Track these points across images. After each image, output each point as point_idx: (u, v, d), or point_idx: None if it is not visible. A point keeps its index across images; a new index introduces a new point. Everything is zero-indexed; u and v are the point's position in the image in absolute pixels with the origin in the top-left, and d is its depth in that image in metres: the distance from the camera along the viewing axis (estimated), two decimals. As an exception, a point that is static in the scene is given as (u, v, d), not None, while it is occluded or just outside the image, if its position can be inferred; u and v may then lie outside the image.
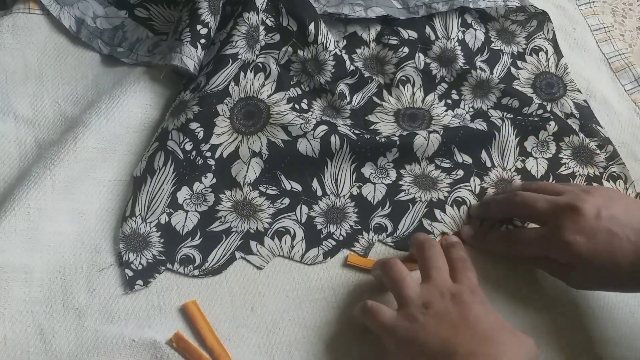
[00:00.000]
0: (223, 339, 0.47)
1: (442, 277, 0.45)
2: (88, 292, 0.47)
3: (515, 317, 0.49)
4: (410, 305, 0.43)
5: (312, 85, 0.57)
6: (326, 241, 0.51)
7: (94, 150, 0.50)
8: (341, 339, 0.48)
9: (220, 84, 0.53)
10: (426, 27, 0.60)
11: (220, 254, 0.50)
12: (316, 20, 0.56)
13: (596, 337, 0.49)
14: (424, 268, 0.46)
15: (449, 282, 0.44)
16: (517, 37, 0.64)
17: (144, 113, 0.53)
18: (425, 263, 0.46)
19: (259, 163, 0.53)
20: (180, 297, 0.48)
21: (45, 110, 0.54)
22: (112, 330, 0.46)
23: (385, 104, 0.59)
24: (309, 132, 0.53)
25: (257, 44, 0.55)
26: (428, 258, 0.46)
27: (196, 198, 0.52)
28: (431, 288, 0.44)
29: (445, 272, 0.45)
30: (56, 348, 0.45)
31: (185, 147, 0.51)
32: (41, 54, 0.56)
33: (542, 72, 0.62)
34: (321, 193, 0.53)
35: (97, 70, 0.56)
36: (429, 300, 0.43)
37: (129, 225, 0.49)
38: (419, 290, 0.44)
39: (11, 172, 0.51)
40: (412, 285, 0.44)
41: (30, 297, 0.46)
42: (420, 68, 0.60)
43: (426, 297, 0.43)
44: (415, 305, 0.43)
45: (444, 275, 0.45)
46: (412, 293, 0.44)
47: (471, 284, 0.45)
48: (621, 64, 0.64)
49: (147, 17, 0.58)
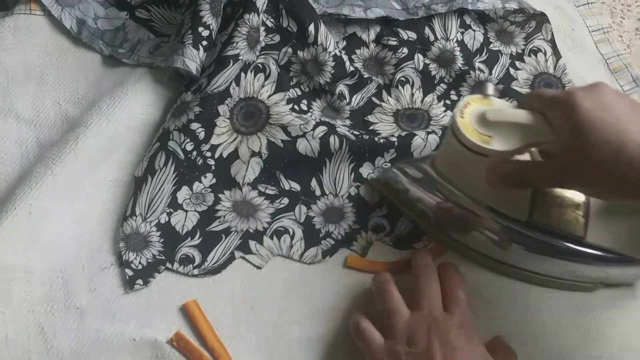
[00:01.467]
0: (223, 338, 0.47)
1: (433, 306, 0.45)
2: (89, 291, 0.47)
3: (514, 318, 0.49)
4: (395, 338, 0.43)
5: (311, 86, 0.57)
6: (325, 240, 0.52)
7: (95, 151, 0.51)
8: (341, 339, 0.48)
9: (222, 85, 0.53)
10: (425, 28, 0.61)
11: (220, 253, 0.50)
12: (316, 21, 0.56)
13: (596, 337, 0.49)
14: (417, 295, 0.46)
15: (438, 313, 0.44)
16: (516, 38, 0.64)
17: (145, 114, 0.54)
18: (419, 291, 0.46)
19: (258, 163, 0.53)
20: (181, 296, 0.48)
21: (47, 110, 0.54)
22: (113, 330, 0.46)
23: (385, 104, 0.59)
24: (309, 132, 0.53)
25: (257, 44, 0.56)
26: (422, 286, 0.46)
27: (196, 198, 0.52)
28: (420, 320, 0.44)
29: (437, 301, 0.45)
30: (57, 347, 0.45)
31: (186, 147, 0.51)
32: (42, 54, 0.56)
33: (541, 72, 0.62)
34: (320, 193, 0.53)
35: (98, 71, 0.57)
36: (414, 335, 0.43)
37: (129, 224, 0.49)
38: (407, 320, 0.44)
39: (12, 172, 0.51)
40: (402, 317, 0.44)
41: (32, 297, 0.46)
42: (420, 69, 0.60)
43: (412, 331, 0.43)
44: (400, 341, 0.43)
45: (435, 304, 0.45)
46: (400, 326, 0.44)
47: (462, 315, 0.44)
48: (619, 64, 0.64)
49: (148, 19, 0.59)
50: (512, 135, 0.41)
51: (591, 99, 0.39)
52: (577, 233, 0.46)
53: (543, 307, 0.50)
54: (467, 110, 0.43)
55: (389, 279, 0.47)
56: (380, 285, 0.47)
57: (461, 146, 0.43)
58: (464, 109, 0.43)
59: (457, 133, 0.42)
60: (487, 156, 0.42)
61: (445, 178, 0.48)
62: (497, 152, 0.41)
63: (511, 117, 0.42)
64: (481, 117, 0.42)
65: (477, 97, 0.44)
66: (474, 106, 0.43)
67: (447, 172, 0.48)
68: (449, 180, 0.48)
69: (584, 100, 0.39)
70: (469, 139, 0.42)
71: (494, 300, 0.50)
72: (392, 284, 0.47)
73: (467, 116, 0.42)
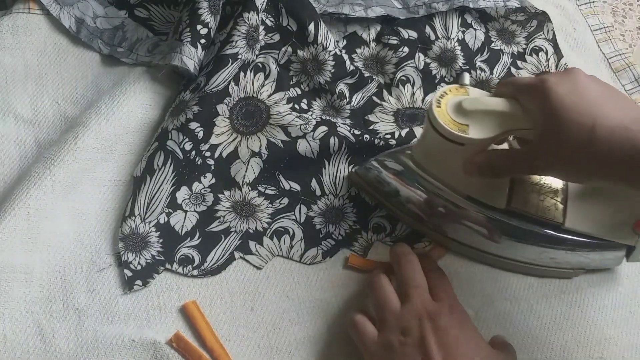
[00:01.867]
0: (223, 339, 0.47)
1: (421, 296, 0.44)
2: (88, 292, 0.47)
3: (512, 320, 0.49)
4: (388, 329, 0.43)
5: (311, 85, 0.57)
6: (325, 241, 0.52)
7: (93, 151, 0.50)
8: (341, 339, 0.48)
9: (220, 84, 0.53)
10: (426, 27, 0.60)
11: (219, 254, 0.50)
12: (316, 20, 0.56)
13: (596, 337, 0.49)
14: (402, 287, 0.46)
15: (428, 302, 0.44)
16: (517, 37, 0.63)
17: (144, 113, 0.53)
18: (404, 282, 0.46)
19: (258, 163, 0.53)
20: (180, 297, 0.48)
21: (45, 110, 0.54)
22: (112, 331, 0.46)
23: (385, 103, 0.59)
24: (309, 133, 0.53)
25: (257, 43, 0.55)
26: (406, 276, 0.46)
27: (195, 198, 0.52)
28: (410, 310, 0.44)
29: (424, 290, 0.45)
30: (56, 348, 0.45)
31: (185, 147, 0.51)
32: (41, 54, 0.56)
33: (543, 72, 0.62)
34: (320, 193, 0.53)
35: (97, 70, 0.56)
36: (407, 326, 0.43)
37: (128, 225, 0.49)
38: (399, 312, 0.44)
39: (11, 172, 0.51)
40: (393, 308, 0.44)
41: (30, 297, 0.46)
42: (420, 68, 0.60)
43: (405, 321, 0.43)
44: (393, 330, 0.43)
45: (422, 294, 0.45)
46: (391, 316, 0.44)
47: (450, 300, 0.45)
48: (621, 64, 0.64)
49: (147, 17, 0.58)
50: (488, 123, 0.42)
51: (564, 84, 0.39)
52: (556, 219, 0.46)
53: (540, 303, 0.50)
54: (443, 100, 0.43)
55: (382, 274, 0.47)
56: (372, 278, 0.47)
57: (438, 136, 0.43)
58: (440, 99, 0.43)
59: (434, 122, 0.43)
60: (464, 145, 0.42)
61: (424, 169, 0.48)
62: (474, 140, 0.42)
63: (487, 105, 0.42)
64: (458, 106, 0.42)
65: (454, 87, 0.44)
66: (451, 96, 0.43)
67: (425, 163, 0.48)
68: (428, 171, 0.48)
69: (557, 85, 0.39)
70: (446, 128, 0.42)
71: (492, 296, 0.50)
72: (385, 277, 0.47)
73: (444, 106, 0.43)
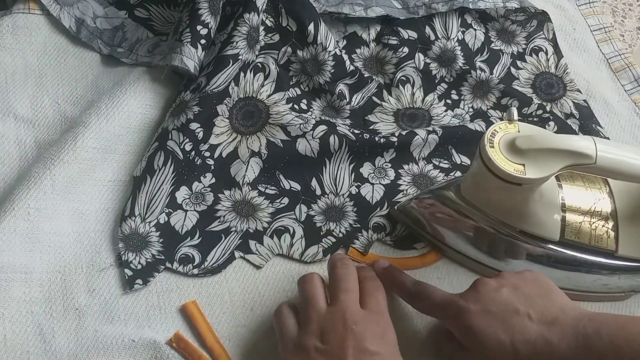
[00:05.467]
0: (223, 339, 0.47)
1: (350, 301, 0.43)
2: (88, 292, 0.47)
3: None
4: (309, 330, 0.42)
5: (311, 86, 0.57)
6: (326, 238, 0.51)
7: (93, 151, 0.50)
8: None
9: (221, 85, 0.53)
10: (426, 27, 0.60)
11: (220, 253, 0.50)
12: (316, 21, 0.56)
13: None
14: (333, 289, 0.44)
15: (355, 309, 0.42)
16: (517, 37, 0.64)
17: (144, 113, 0.53)
18: (335, 284, 0.44)
19: (258, 163, 0.53)
20: (180, 297, 0.48)
21: (45, 110, 0.54)
22: (111, 331, 0.46)
23: (385, 104, 0.59)
24: (308, 132, 0.53)
25: (257, 44, 0.55)
26: (338, 279, 0.44)
27: (195, 198, 0.52)
28: (335, 313, 0.42)
29: (354, 295, 0.43)
30: (56, 348, 0.45)
31: (185, 147, 0.51)
32: (41, 54, 0.56)
33: (542, 72, 0.62)
34: (320, 192, 0.53)
35: (97, 70, 0.56)
36: (328, 329, 0.41)
37: (128, 225, 0.49)
38: (323, 312, 0.42)
39: (11, 172, 0.51)
40: (319, 307, 0.43)
41: (30, 297, 0.46)
42: (420, 68, 0.60)
43: (327, 324, 0.41)
44: (312, 333, 0.41)
45: (352, 298, 0.43)
46: (315, 316, 0.42)
47: (379, 310, 0.43)
48: (621, 64, 0.64)
49: (147, 18, 0.58)
50: (545, 161, 0.42)
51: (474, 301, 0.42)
52: (609, 247, 0.47)
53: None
54: (495, 138, 0.43)
55: (316, 273, 0.46)
56: (304, 275, 0.46)
57: (492, 175, 0.43)
58: (492, 138, 0.43)
59: (489, 164, 0.42)
60: (520, 185, 0.42)
61: (474, 205, 0.48)
62: (532, 180, 0.42)
63: (542, 144, 0.42)
64: (511, 145, 0.42)
65: (504, 124, 0.44)
66: (502, 134, 0.43)
67: (476, 200, 0.48)
68: (478, 207, 0.48)
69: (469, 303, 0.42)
70: (503, 170, 0.42)
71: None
72: (318, 276, 0.45)
73: (497, 145, 0.43)
